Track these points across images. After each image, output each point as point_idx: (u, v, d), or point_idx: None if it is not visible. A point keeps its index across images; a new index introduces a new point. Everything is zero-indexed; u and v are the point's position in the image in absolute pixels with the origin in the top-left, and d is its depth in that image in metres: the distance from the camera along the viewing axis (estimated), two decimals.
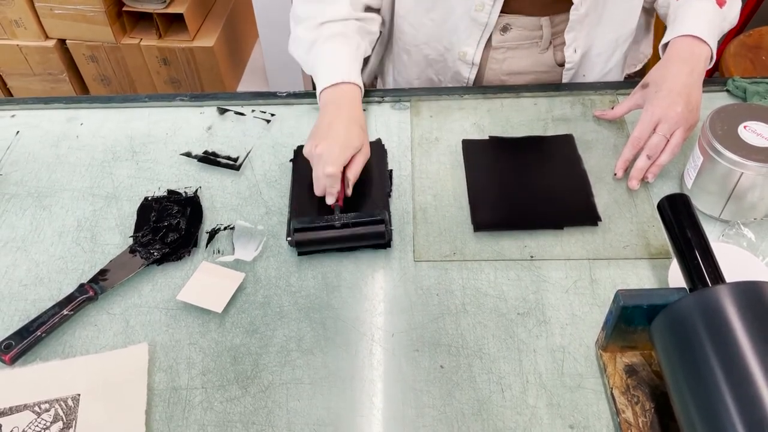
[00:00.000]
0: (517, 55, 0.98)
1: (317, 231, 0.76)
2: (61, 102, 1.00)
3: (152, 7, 1.88)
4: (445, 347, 0.69)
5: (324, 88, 0.88)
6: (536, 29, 0.95)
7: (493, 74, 1.01)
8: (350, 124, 0.82)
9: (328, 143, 0.78)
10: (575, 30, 0.93)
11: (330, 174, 0.76)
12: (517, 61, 0.99)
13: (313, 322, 0.72)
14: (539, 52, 0.98)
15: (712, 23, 0.85)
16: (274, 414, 0.65)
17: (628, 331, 0.63)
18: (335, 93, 0.87)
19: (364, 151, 0.81)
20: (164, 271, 0.77)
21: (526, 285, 0.74)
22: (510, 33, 0.95)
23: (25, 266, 0.78)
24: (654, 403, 0.63)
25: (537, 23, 0.94)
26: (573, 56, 0.97)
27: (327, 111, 0.85)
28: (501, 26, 0.94)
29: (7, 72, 2.08)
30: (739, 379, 0.50)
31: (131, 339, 0.71)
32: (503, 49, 0.97)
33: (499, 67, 0.99)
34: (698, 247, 0.61)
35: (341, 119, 0.82)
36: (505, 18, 0.93)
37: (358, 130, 0.82)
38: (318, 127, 0.83)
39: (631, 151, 0.83)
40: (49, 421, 0.64)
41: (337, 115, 0.83)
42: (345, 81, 0.87)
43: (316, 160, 0.79)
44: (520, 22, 0.94)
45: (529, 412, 0.64)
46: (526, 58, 0.98)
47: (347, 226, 0.76)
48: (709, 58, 0.84)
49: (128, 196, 0.86)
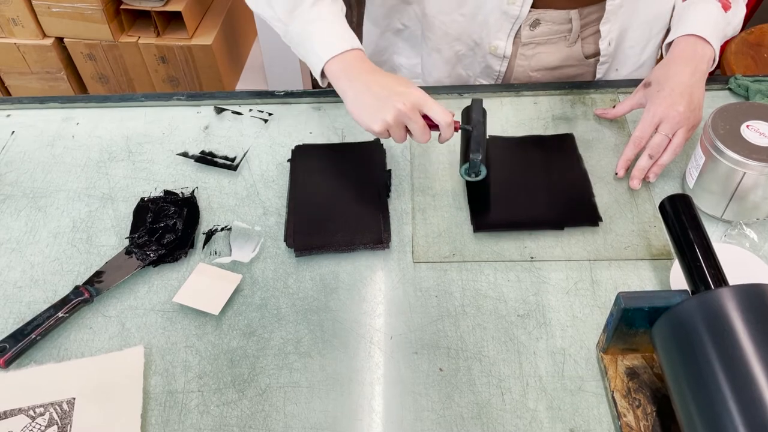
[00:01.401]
0: (545, 50, 0.97)
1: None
2: (57, 101, 0.99)
3: (150, 5, 1.87)
4: (444, 350, 0.68)
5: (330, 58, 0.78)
6: (565, 23, 0.94)
7: (522, 70, 1.00)
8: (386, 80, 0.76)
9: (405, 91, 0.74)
10: (610, 21, 0.93)
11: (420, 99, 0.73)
12: (545, 56, 0.98)
13: (311, 325, 0.71)
14: (567, 46, 0.97)
15: (717, 26, 0.85)
16: (271, 418, 0.64)
17: (629, 333, 0.62)
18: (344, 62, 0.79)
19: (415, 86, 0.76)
20: (160, 272, 0.76)
21: (526, 286, 0.73)
22: (539, 28, 0.94)
23: (20, 268, 0.77)
24: (656, 407, 0.62)
25: (566, 17, 0.93)
26: (608, 49, 0.96)
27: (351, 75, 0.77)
28: (530, 21, 0.93)
29: (4, 71, 2.07)
30: (742, 383, 0.50)
31: (127, 342, 0.70)
32: (532, 44, 0.96)
33: (527, 63, 0.99)
34: (701, 248, 0.61)
35: (376, 72, 0.77)
36: (535, 13, 0.92)
37: (394, 79, 0.76)
38: (361, 102, 0.76)
39: (633, 151, 0.83)
40: (44, 425, 0.63)
41: (381, 74, 0.77)
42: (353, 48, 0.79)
43: (411, 111, 0.73)
44: (549, 17, 0.93)
45: (529, 416, 0.63)
46: (555, 52, 0.98)
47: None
48: (712, 59, 0.84)
49: (124, 196, 0.85)
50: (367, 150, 0.88)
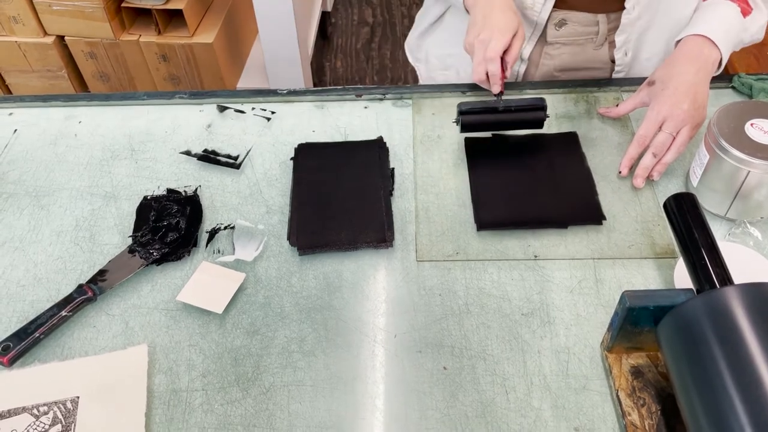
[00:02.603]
0: (571, 51, 0.97)
1: (482, 114, 0.84)
2: (60, 100, 0.99)
3: (151, 4, 1.87)
4: (448, 348, 0.68)
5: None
6: (592, 25, 0.94)
7: (546, 69, 1.00)
8: (504, 11, 0.84)
9: (489, 30, 0.82)
10: (626, 33, 0.93)
11: (492, 57, 0.81)
12: (570, 57, 0.98)
13: (314, 323, 0.71)
14: (594, 48, 0.97)
15: (730, 31, 0.84)
16: (275, 416, 0.64)
17: (633, 332, 0.62)
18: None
19: (520, 35, 0.84)
20: (164, 271, 0.76)
21: (530, 285, 0.73)
22: (565, 28, 0.94)
23: (23, 267, 0.77)
24: (660, 405, 0.62)
25: (593, 19, 0.93)
26: (624, 59, 0.97)
27: (478, 6, 0.87)
28: (556, 21, 0.93)
29: (5, 69, 2.06)
30: (748, 382, 0.49)
31: (130, 340, 0.70)
32: (558, 44, 0.97)
33: (552, 62, 0.99)
34: (705, 247, 0.60)
35: (495, 9, 0.85)
36: (561, 13, 0.92)
37: (511, 15, 0.85)
38: (474, 20, 0.86)
39: (637, 149, 0.82)
40: (48, 424, 0.63)
41: (490, 7, 0.85)
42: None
43: (478, 46, 0.83)
44: (575, 18, 0.93)
45: (534, 415, 0.63)
46: (581, 54, 0.98)
47: (509, 110, 0.84)
48: (717, 63, 0.83)
49: (127, 195, 0.85)
50: (371, 148, 0.88)
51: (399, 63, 2.51)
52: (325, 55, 2.56)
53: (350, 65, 2.52)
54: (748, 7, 0.86)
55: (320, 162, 0.87)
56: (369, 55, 2.55)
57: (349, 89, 0.98)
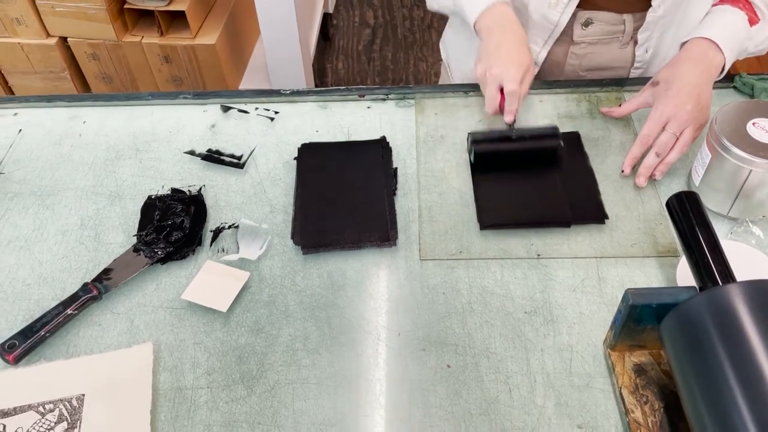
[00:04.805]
0: (598, 50, 0.98)
1: (496, 143, 0.85)
2: (64, 100, 1.00)
3: (154, 5, 1.87)
4: (451, 346, 0.69)
5: (481, 12, 0.89)
6: (618, 24, 0.94)
7: (572, 69, 1.00)
8: (518, 45, 0.85)
9: (503, 64, 0.83)
10: (649, 30, 0.93)
11: (511, 91, 0.82)
12: (597, 56, 0.98)
13: (318, 322, 0.71)
14: (620, 47, 0.97)
15: (735, 37, 0.84)
16: (279, 414, 0.64)
17: (636, 330, 0.62)
18: (494, 16, 0.88)
19: (531, 70, 0.86)
20: (168, 270, 0.77)
21: (533, 284, 0.74)
22: (592, 27, 0.94)
23: (29, 265, 0.78)
24: (663, 403, 0.62)
25: (619, 18, 0.93)
26: (644, 56, 0.97)
27: (492, 33, 0.87)
28: (582, 20, 0.94)
29: (8, 70, 2.07)
30: (751, 379, 0.50)
31: (136, 338, 0.70)
32: (584, 44, 0.97)
33: (578, 62, 0.99)
34: (708, 245, 0.61)
35: (508, 40, 0.86)
36: (586, 13, 0.93)
37: (525, 50, 0.86)
38: (486, 49, 0.86)
39: (640, 149, 0.83)
40: (54, 422, 0.63)
41: (504, 37, 0.86)
42: (499, 1, 0.89)
43: (491, 80, 0.84)
44: (602, 17, 0.93)
45: (537, 412, 0.63)
46: (607, 53, 0.98)
47: (523, 138, 0.83)
48: (720, 67, 0.84)
49: (132, 194, 0.86)
50: (374, 148, 0.89)
51: (400, 64, 2.51)
52: (326, 56, 2.56)
53: (352, 67, 2.52)
54: (756, 17, 0.86)
55: (323, 162, 0.87)
56: (370, 57, 2.56)
57: (352, 89, 0.99)
